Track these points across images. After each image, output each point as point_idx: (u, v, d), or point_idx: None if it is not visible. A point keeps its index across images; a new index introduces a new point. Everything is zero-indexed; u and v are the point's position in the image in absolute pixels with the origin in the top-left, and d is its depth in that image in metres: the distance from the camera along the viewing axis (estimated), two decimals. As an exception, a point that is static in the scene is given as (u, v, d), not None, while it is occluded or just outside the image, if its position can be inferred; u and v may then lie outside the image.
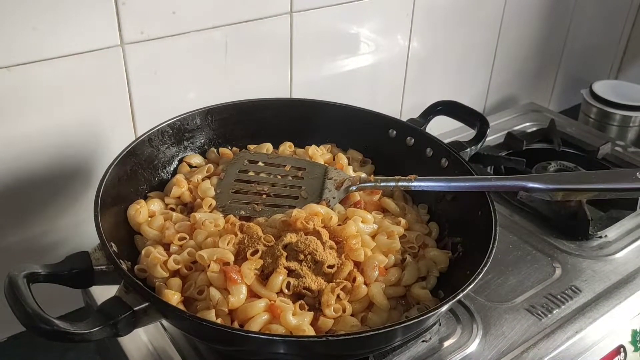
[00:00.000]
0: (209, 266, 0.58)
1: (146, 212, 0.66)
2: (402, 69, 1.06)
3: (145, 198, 0.69)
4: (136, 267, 0.60)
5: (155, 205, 0.68)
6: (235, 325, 0.56)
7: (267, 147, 0.78)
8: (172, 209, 0.69)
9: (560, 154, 1.03)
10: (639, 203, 0.89)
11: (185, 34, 0.77)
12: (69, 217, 0.78)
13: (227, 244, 0.60)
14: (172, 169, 0.74)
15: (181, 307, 0.57)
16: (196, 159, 0.76)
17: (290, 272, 0.59)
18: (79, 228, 0.79)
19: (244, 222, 0.64)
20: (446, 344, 0.66)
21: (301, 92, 0.93)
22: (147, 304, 0.50)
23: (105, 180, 0.62)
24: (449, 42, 1.10)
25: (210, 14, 0.78)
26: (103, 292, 0.66)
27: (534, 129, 1.12)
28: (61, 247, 0.79)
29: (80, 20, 0.68)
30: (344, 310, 0.57)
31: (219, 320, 0.55)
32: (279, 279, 0.58)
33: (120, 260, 0.55)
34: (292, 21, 0.87)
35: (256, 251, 0.60)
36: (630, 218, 0.88)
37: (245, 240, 0.61)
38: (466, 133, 0.96)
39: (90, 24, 0.69)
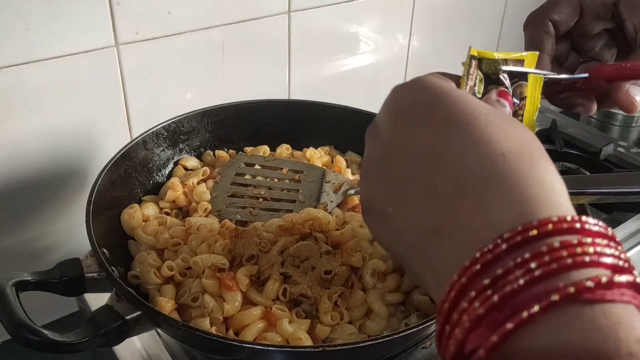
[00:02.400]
0: (203, 272, 0.57)
1: (140, 216, 0.64)
2: (402, 68, 1.05)
3: (140, 202, 0.68)
4: (129, 273, 0.59)
5: (150, 209, 0.66)
6: (231, 333, 0.55)
7: (264, 149, 0.76)
8: (167, 213, 0.67)
9: (563, 155, 1.02)
10: (643, 205, 0.88)
11: (181, 34, 0.76)
12: (63, 220, 0.77)
13: (222, 250, 0.59)
14: (167, 172, 0.73)
15: (175, 314, 0.55)
16: (192, 162, 0.74)
17: (287, 279, 0.58)
18: (74, 231, 0.78)
19: (239, 227, 0.62)
20: (446, 350, 0.65)
21: (299, 93, 0.92)
22: (139, 312, 0.49)
23: (97, 184, 0.60)
24: (449, 41, 1.09)
25: (207, 13, 0.77)
26: (97, 298, 0.65)
27: (536, 129, 1.11)
28: (55, 251, 0.78)
29: (73, 20, 0.67)
30: (342, 318, 0.56)
31: (213, 329, 0.54)
32: (275, 285, 0.57)
33: (113, 267, 0.54)
34: (290, 21, 0.85)
35: (252, 257, 0.59)
36: (633, 220, 0.87)
37: (241, 246, 0.60)
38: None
39: (84, 24, 0.68)
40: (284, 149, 0.77)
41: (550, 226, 0.25)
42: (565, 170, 0.96)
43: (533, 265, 0.24)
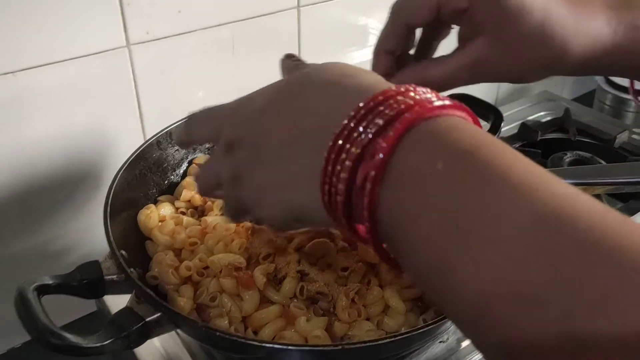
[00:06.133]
0: (220, 272, 0.57)
1: (156, 216, 0.65)
2: (412, 59, 1.04)
3: (156, 202, 0.69)
4: (147, 274, 0.59)
5: (166, 209, 0.67)
6: (249, 331, 0.55)
7: (277, 146, 0.76)
8: (183, 213, 0.67)
9: (576, 144, 1.01)
10: (659, 193, 0.87)
11: (191, 32, 0.76)
12: (80, 221, 0.77)
13: (239, 249, 0.59)
14: (181, 171, 0.73)
15: (194, 315, 0.56)
16: (206, 161, 0.74)
17: (304, 276, 0.58)
18: (91, 232, 0.78)
19: (255, 226, 0.63)
20: (464, 344, 0.65)
21: (310, 88, 0.91)
22: (159, 314, 0.49)
23: (114, 185, 0.61)
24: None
25: (216, 11, 0.77)
26: (115, 299, 0.65)
27: (549, 118, 1.10)
28: (73, 252, 0.78)
29: (84, 22, 0.67)
30: (359, 315, 0.56)
31: (232, 328, 0.54)
32: (292, 283, 0.57)
33: (132, 269, 0.54)
34: (299, 16, 0.85)
35: (268, 255, 0.59)
36: (650, 209, 0.86)
37: (257, 244, 0.60)
38: (479, 125, 0.95)
39: (95, 26, 0.68)
40: (297, 146, 0.77)
41: (380, 97, 0.33)
42: (579, 159, 0.95)
43: (377, 120, 0.32)
